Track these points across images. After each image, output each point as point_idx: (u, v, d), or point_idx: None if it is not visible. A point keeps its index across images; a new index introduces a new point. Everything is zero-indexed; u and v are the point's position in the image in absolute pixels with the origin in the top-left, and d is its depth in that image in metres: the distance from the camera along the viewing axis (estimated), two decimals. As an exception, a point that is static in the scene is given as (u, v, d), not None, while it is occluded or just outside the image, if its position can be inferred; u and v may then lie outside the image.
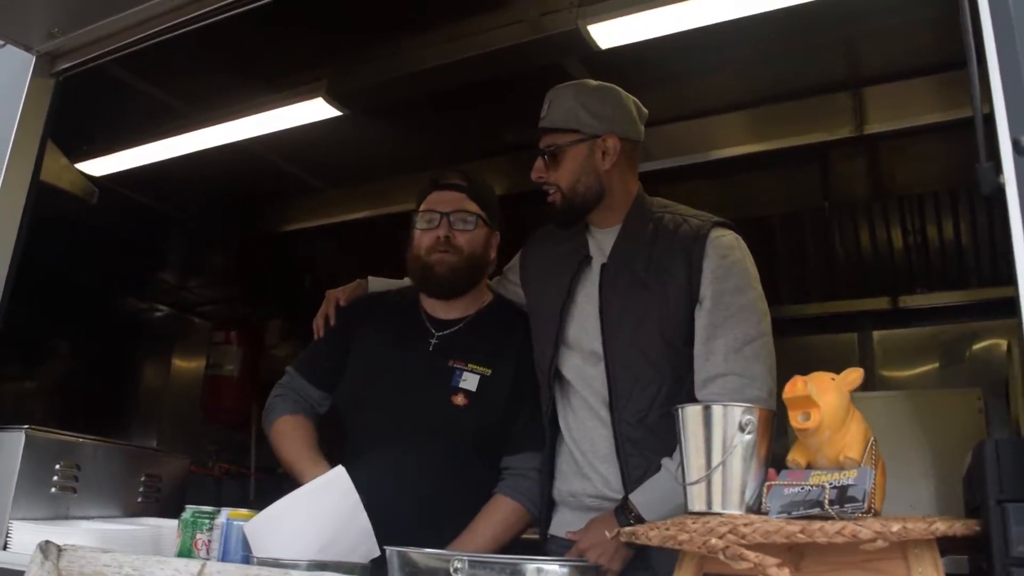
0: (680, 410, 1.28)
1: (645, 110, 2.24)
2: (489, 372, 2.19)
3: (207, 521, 1.63)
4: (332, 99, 3.50)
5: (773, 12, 2.79)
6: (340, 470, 1.58)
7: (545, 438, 2.15)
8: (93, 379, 5.52)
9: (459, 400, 2.16)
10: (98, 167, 4.12)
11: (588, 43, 3.02)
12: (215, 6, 2.02)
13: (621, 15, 2.91)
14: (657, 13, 2.88)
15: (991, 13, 1.24)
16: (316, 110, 3.58)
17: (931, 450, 3.86)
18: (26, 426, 2.04)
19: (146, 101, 3.73)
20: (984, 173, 1.14)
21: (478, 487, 2.16)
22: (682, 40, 2.96)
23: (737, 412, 1.22)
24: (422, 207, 2.30)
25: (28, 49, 2.32)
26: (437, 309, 2.31)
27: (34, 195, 2.30)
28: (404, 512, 1.94)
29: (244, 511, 1.64)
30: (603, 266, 2.11)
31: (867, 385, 1.53)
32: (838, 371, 1.22)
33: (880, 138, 3.53)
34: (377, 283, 2.52)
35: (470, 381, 2.18)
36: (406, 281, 2.43)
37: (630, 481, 1.92)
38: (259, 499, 4.80)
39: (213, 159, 4.04)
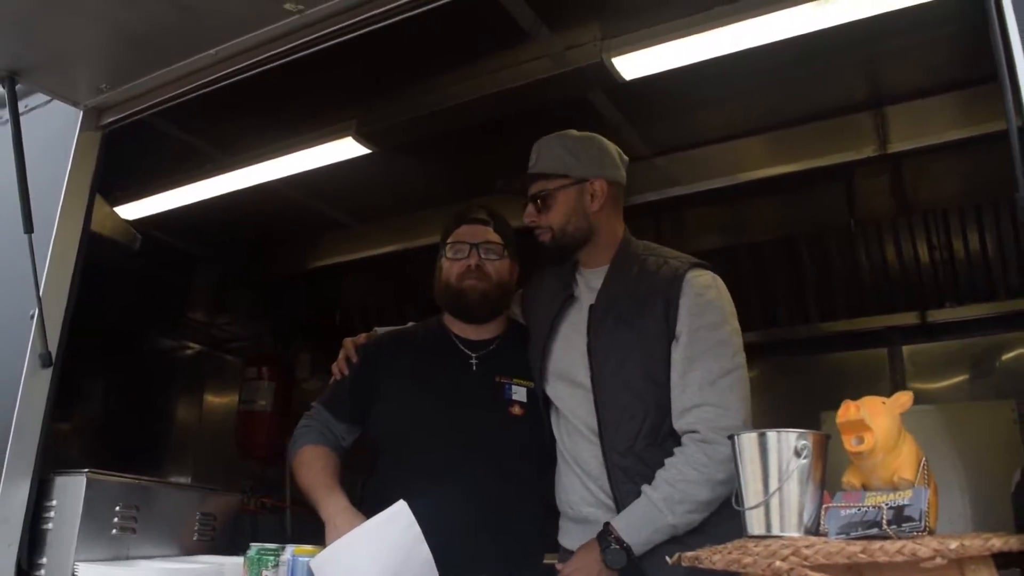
0: (736, 437, 1.33)
1: (626, 157, 2.41)
2: (532, 386, 2.32)
3: (272, 558, 1.69)
4: (362, 138, 3.58)
5: (793, 37, 2.85)
6: (402, 504, 1.63)
7: None
8: (127, 418, 5.58)
9: (516, 411, 2.30)
10: (129, 211, 4.21)
11: (612, 75, 3.08)
12: (258, 58, 2.10)
13: (644, 47, 2.98)
14: (680, 44, 2.94)
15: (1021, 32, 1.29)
16: (346, 149, 3.66)
17: (965, 463, 3.87)
18: (86, 470, 2.11)
19: (176, 145, 3.80)
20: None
21: (538, 499, 2.30)
22: (705, 68, 3.02)
23: (792, 438, 1.26)
24: (450, 239, 2.43)
25: (76, 104, 2.41)
26: (468, 332, 2.43)
27: (86, 244, 2.38)
28: (477, 528, 2.08)
29: (308, 547, 1.69)
30: (591, 307, 2.25)
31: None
32: (869, 386, 1.26)
33: (903, 156, 3.57)
34: (384, 331, 2.64)
35: (520, 393, 2.35)
36: (411, 325, 2.59)
37: (621, 507, 2.03)
38: (296, 533, 4.84)
39: (240, 199, 4.12)
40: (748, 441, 1.29)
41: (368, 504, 2.14)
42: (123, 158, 3.04)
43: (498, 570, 1.71)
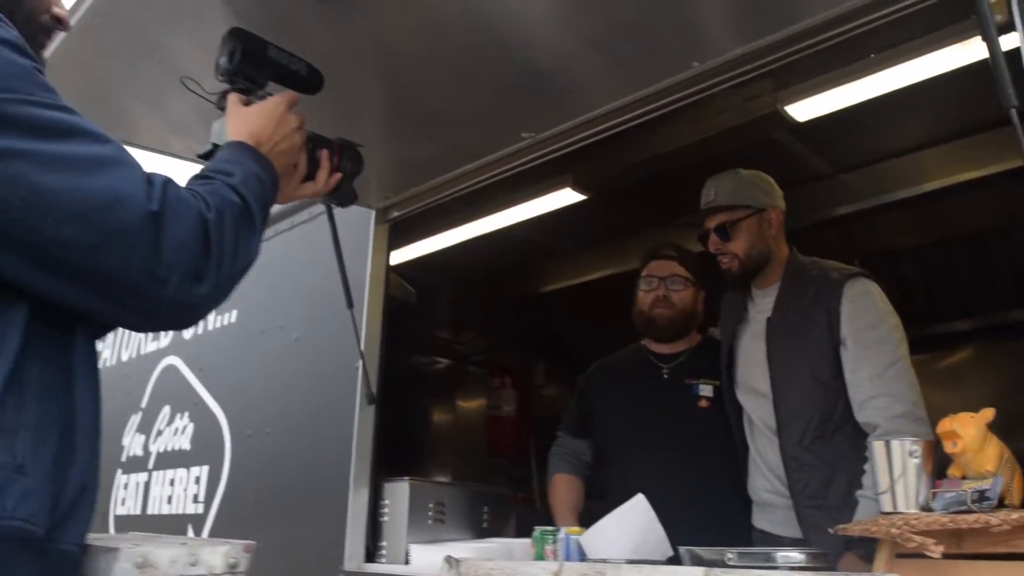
0: (870, 444, 1.87)
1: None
2: (718, 384, 2.86)
3: (551, 537, 2.38)
4: (577, 187, 4.25)
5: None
6: (640, 497, 2.28)
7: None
8: (394, 425, 6.55)
9: (703, 404, 2.88)
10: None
11: (787, 120, 3.55)
12: (500, 169, 2.81)
13: (814, 94, 3.41)
14: (845, 88, 3.35)
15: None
16: (565, 197, 4.34)
17: None
18: (407, 477, 2.91)
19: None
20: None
21: (732, 482, 2.78)
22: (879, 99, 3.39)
23: (908, 443, 1.80)
24: (644, 273, 3.05)
25: (369, 207, 3.23)
26: (661, 348, 3.06)
27: (388, 309, 3.19)
28: (674, 503, 2.55)
29: (576, 528, 2.38)
30: (768, 319, 2.66)
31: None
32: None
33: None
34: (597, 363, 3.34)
35: (707, 390, 2.90)
36: (618, 352, 3.25)
37: (795, 491, 2.48)
38: (546, 520, 5.54)
39: (479, 241, 4.90)
40: (878, 447, 1.83)
41: (607, 490, 2.89)
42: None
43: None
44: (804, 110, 3.52)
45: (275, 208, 3.87)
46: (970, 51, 3.09)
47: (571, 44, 2.18)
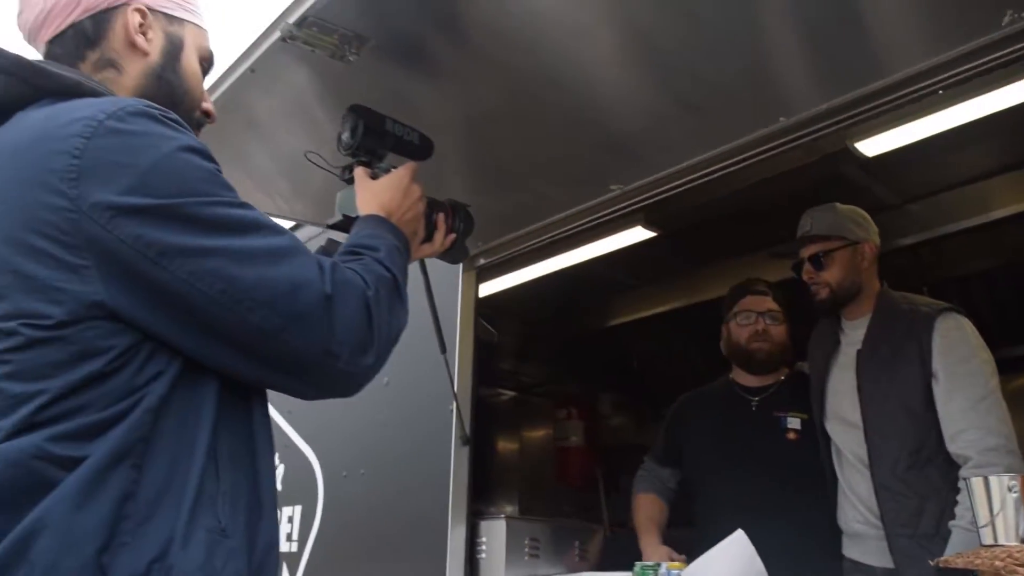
0: (968, 480, 1.96)
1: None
2: (807, 417, 2.95)
3: (652, 572, 2.48)
4: (648, 225, 4.36)
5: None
6: (740, 533, 2.37)
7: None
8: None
9: (791, 436, 2.98)
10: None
11: (856, 156, 3.63)
12: (583, 220, 2.94)
13: (882, 131, 3.50)
14: (913, 124, 3.43)
15: None
16: (636, 234, 4.45)
17: None
18: (503, 515, 3.03)
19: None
20: None
21: (821, 512, 2.85)
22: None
23: (1006, 479, 1.88)
24: (738, 308, 3.14)
25: (459, 256, 3.38)
26: (751, 381, 3.15)
27: (479, 353, 3.33)
28: (765, 536, 2.66)
29: (677, 563, 2.47)
30: (859, 352, 2.74)
31: None
32: None
33: None
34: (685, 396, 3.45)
35: (795, 423, 2.99)
36: (706, 386, 3.35)
37: (886, 520, 2.55)
38: (614, 548, 5.61)
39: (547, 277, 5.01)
40: (977, 483, 1.92)
41: (696, 519, 2.96)
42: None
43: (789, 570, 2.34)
44: (873, 146, 3.59)
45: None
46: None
47: (662, 104, 2.32)
